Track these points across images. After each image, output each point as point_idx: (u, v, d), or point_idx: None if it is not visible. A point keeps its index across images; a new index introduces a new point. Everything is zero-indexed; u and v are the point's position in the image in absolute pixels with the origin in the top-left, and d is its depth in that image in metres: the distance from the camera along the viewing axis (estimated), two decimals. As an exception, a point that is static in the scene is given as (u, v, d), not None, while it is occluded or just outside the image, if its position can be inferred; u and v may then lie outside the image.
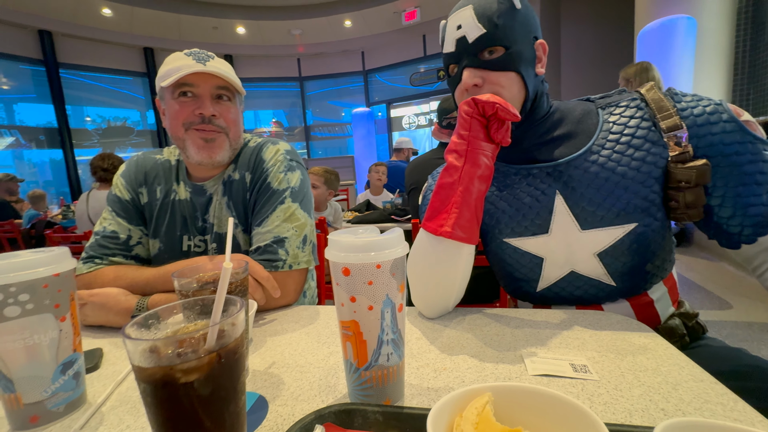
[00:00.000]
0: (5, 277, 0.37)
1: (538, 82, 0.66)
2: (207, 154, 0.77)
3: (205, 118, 0.75)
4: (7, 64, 5.79)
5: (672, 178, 0.58)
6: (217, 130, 0.77)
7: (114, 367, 0.54)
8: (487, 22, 0.60)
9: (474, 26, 0.61)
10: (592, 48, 5.78)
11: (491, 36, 0.60)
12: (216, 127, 0.76)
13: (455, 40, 0.63)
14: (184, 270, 0.48)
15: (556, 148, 0.66)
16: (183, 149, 0.78)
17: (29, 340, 0.39)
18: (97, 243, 0.79)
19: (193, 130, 0.75)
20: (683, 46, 3.39)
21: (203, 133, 0.76)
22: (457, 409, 0.31)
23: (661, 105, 0.61)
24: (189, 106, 0.75)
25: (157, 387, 0.27)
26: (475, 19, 0.61)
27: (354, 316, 0.38)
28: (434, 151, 1.70)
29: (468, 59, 0.63)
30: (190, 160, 0.78)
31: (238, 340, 0.30)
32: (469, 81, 0.62)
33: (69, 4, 5.63)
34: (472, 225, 0.61)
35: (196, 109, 0.74)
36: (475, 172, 0.59)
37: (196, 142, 0.76)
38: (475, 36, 0.61)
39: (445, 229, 0.59)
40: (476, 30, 0.61)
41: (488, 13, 0.60)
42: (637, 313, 0.65)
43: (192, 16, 6.45)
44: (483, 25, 0.60)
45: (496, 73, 0.62)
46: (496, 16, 0.60)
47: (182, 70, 0.71)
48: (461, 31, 0.62)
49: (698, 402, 0.38)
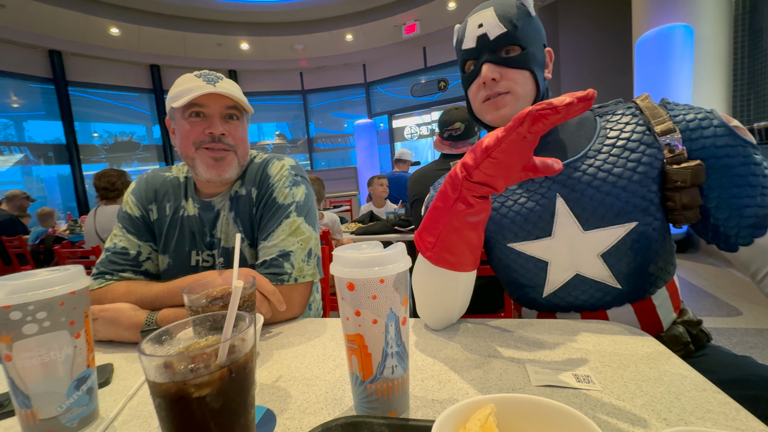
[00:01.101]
0: (24, 296, 0.39)
1: (545, 84, 0.70)
2: (216, 172, 0.79)
3: (214, 137, 0.78)
4: (18, 83, 5.95)
5: (668, 178, 0.60)
6: (226, 149, 0.79)
7: (125, 382, 0.55)
8: (507, 22, 0.66)
9: (496, 25, 0.66)
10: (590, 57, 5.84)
11: (511, 35, 0.65)
12: (225, 146, 0.79)
13: (476, 37, 0.68)
14: (194, 286, 0.49)
15: (554, 152, 0.68)
16: (192, 167, 0.80)
17: (46, 356, 0.40)
18: (108, 259, 0.81)
19: (203, 149, 0.78)
20: (681, 54, 3.43)
21: (213, 152, 0.78)
22: (460, 421, 0.32)
23: (655, 112, 0.64)
24: (199, 125, 0.77)
25: (171, 401, 0.28)
26: (497, 19, 0.66)
27: (359, 329, 0.39)
28: (436, 162, 1.71)
29: (488, 55, 0.67)
30: (199, 177, 0.81)
31: (248, 354, 0.32)
32: (489, 75, 0.66)
33: (78, 24, 5.80)
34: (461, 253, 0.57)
35: (206, 129, 0.77)
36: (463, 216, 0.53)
37: (206, 160, 0.78)
38: (497, 34, 0.66)
39: (429, 254, 0.58)
40: (498, 28, 0.66)
41: (509, 15, 0.66)
42: (640, 319, 0.65)
43: (197, 33, 6.61)
44: (504, 25, 0.66)
45: (513, 70, 0.67)
46: (515, 18, 0.66)
47: (193, 91, 0.74)
48: (482, 29, 0.67)
49: (700, 411, 0.38)
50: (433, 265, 0.59)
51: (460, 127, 1.62)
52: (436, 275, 0.60)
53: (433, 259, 0.58)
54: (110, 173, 2.51)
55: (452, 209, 0.53)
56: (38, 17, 5.46)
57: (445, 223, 0.55)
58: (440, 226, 0.55)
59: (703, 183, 0.59)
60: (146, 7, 6.04)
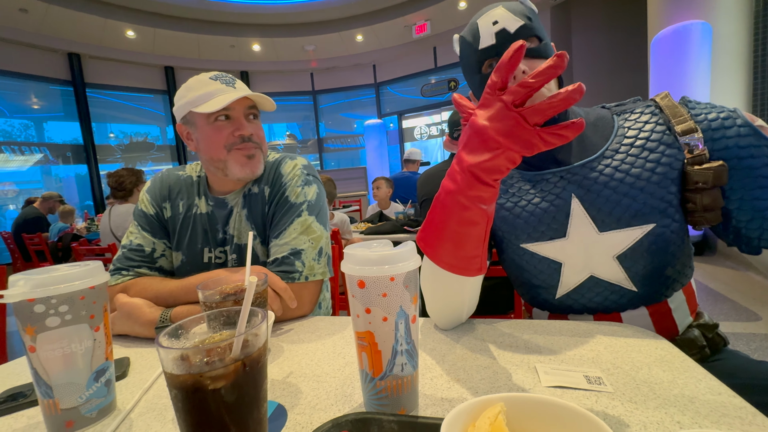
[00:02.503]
0: (47, 289, 0.40)
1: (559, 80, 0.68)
2: (250, 169, 0.82)
3: (245, 138, 0.80)
4: (39, 85, 6.14)
5: (689, 179, 0.59)
6: (255, 147, 0.82)
7: (140, 375, 0.56)
8: (522, 16, 0.64)
9: (512, 19, 0.63)
10: (604, 55, 5.74)
11: (530, 27, 0.63)
12: (254, 144, 0.82)
13: (494, 33, 0.64)
14: (208, 282, 0.51)
15: (570, 153, 0.67)
16: (223, 169, 0.81)
17: (67, 348, 0.42)
18: (124, 255, 0.83)
19: (235, 150, 0.80)
20: (699, 52, 3.34)
21: (246, 150, 0.81)
22: (470, 419, 0.32)
23: (675, 111, 0.62)
24: (227, 128, 0.79)
25: (187, 393, 0.29)
26: (511, 14, 0.64)
27: (369, 327, 0.39)
28: (446, 163, 1.71)
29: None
30: (230, 177, 0.82)
31: (261, 349, 0.32)
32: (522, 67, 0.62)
33: (96, 28, 5.96)
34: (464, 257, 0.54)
35: (235, 131, 0.79)
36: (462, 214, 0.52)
37: (240, 160, 0.80)
38: (516, 26, 0.63)
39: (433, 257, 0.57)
40: (515, 22, 0.63)
41: (519, 9, 0.64)
42: (655, 322, 0.64)
43: (210, 35, 6.73)
44: (520, 18, 0.63)
45: (537, 60, 0.63)
46: (526, 12, 0.64)
47: (216, 95, 0.75)
48: (499, 25, 0.64)
49: (715, 415, 0.38)
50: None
51: (471, 126, 1.61)
52: (441, 275, 0.60)
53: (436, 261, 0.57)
54: (120, 172, 2.58)
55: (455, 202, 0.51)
56: (59, 21, 5.63)
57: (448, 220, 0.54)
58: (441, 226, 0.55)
59: (725, 184, 0.58)
60: (161, 10, 6.17)
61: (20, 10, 5.21)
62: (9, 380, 0.58)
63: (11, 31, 5.48)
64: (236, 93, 0.76)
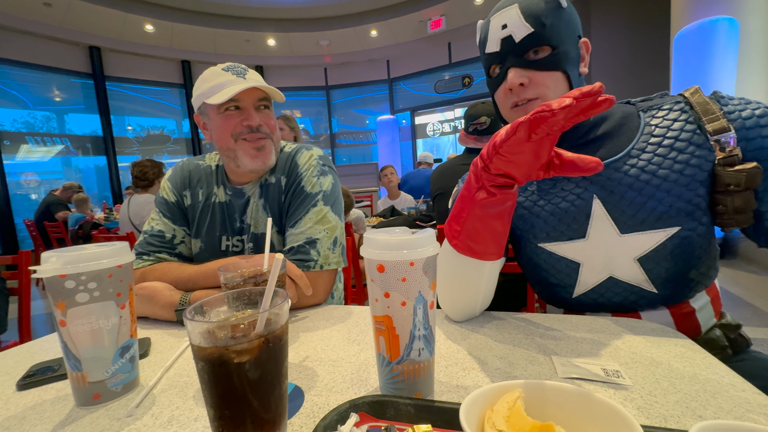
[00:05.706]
0: (77, 266, 0.42)
1: (581, 82, 0.64)
2: (261, 161, 0.82)
3: (252, 128, 0.80)
4: (61, 78, 6.30)
5: (719, 181, 0.56)
6: (264, 137, 0.82)
7: (161, 355, 0.58)
8: (534, 21, 0.59)
9: (521, 25, 0.60)
10: (624, 51, 5.60)
11: (539, 35, 0.59)
12: (263, 134, 0.82)
13: (500, 39, 0.62)
14: (228, 266, 0.52)
15: (594, 152, 0.64)
16: (234, 159, 0.82)
17: (95, 324, 0.43)
18: (146, 241, 0.86)
19: (242, 141, 0.81)
20: (725, 49, 3.23)
21: (254, 142, 0.81)
22: (487, 404, 0.32)
23: (706, 108, 0.59)
24: (235, 118, 0.80)
25: (213, 365, 0.30)
26: (522, 18, 0.60)
27: (387, 311, 0.39)
28: (459, 158, 1.70)
29: (514, 59, 0.62)
30: (242, 169, 0.83)
31: (282, 327, 0.33)
32: (516, 80, 0.61)
33: (116, 22, 6.08)
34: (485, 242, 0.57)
35: (243, 121, 0.80)
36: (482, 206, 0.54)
37: (249, 152, 0.81)
38: (523, 35, 0.60)
39: (455, 242, 0.58)
40: (524, 29, 0.60)
41: (535, 12, 0.59)
42: (677, 323, 0.63)
43: (226, 30, 6.80)
44: (530, 24, 0.59)
45: (542, 73, 0.61)
46: (543, 15, 0.59)
47: (226, 86, 0.76)
48: (507, 31, 0.61)
49: (739, 411, 0.37)
50: (459, 253, 0.59)
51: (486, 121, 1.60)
52: (461, 264, 0.60)
53: (459, 246, 0.58)
54: (144, 163, 2.64)
55: (474, 198, 0.53)
56: (80, 15, 5.76)
57: (469, 211, 0.55)
58: (465, 215, 0.55)
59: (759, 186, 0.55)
60: (180, 5, 6.26)
61: (44, 4, 5.35)
62: (37, 356, 0.60)
63: (35, 24, 5.63)
64: (244, 84, 0.76)
